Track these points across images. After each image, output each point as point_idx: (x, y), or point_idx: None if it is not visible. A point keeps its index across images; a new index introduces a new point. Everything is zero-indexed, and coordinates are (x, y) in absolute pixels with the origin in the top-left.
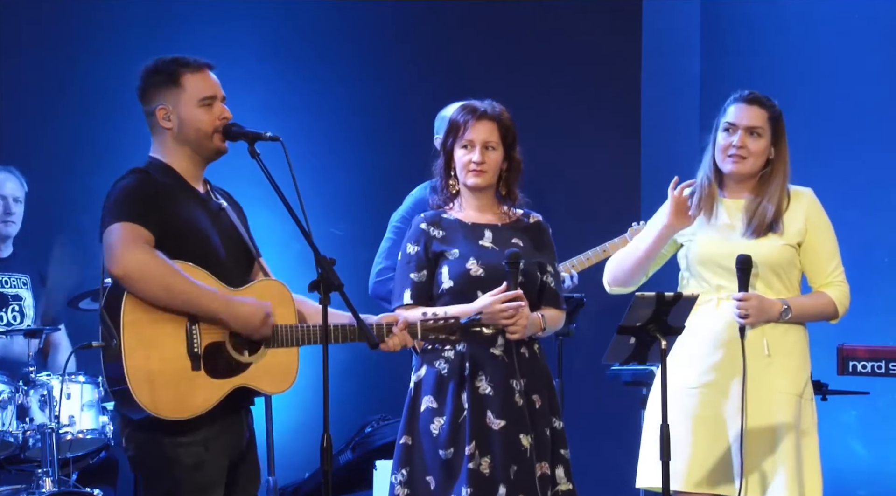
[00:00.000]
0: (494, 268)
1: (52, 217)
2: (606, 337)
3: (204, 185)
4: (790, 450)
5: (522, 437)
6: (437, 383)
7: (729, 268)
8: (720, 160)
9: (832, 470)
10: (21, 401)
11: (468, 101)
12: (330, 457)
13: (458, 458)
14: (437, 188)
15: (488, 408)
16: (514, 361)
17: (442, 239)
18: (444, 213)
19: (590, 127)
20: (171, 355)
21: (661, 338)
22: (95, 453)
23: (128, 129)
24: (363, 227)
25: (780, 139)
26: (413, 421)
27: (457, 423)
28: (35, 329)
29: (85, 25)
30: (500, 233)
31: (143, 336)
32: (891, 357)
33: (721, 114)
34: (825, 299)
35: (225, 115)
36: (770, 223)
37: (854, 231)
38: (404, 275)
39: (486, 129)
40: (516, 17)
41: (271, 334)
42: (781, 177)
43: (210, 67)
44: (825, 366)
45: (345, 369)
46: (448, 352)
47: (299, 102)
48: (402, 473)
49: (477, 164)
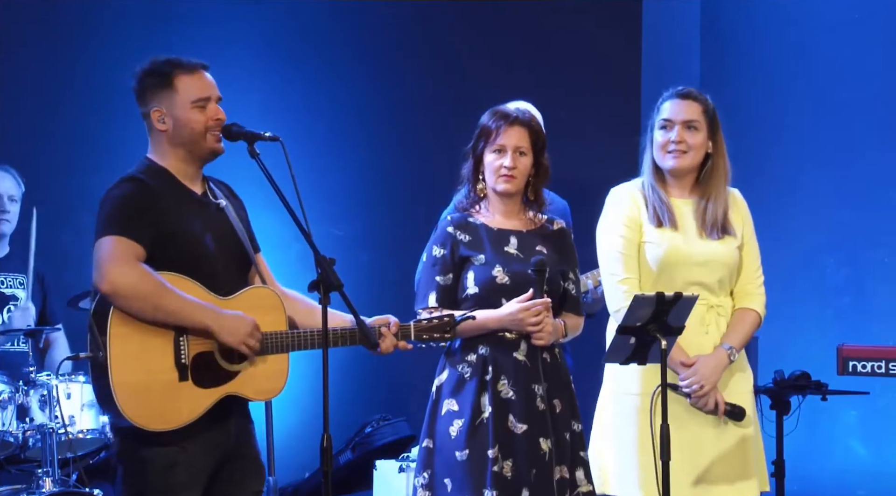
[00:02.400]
0: (519, 276)
1: (52, 217)
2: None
3: (202, 185)
4: (755, 444)
5: (542, 441)
6: (458, 386)
7: (698, 268)
8: (660, 158)
9: (832, 470)
10: (21, 401)
11: (499, 107)
12: (330, 457)
13: (476, 460)
14: (465, 192)
15: (510, 412)
16: (538, 366)
17: (468, 244)
18: (470, 217)
19: (590, 127)
20: (158, 367)
21: (661, 339)
22: (95, 453)
23: (127, 129)
24: (363, 227)
25: (717, 133)
26: (434, 424)
27: (475, 426)
28: (35, 329)
29: (84, 25)
30: (524, 239)
31: (130, 348)
32: (891, 357)
33: (655, 113)
34: (752, 317)
35: (218, 116)
36: (723, 224)
37: (853, 231)
38: (430, 278)
39: (518, 135)
40: (516, 17)
41: (258, 347)
42: (723, 172)
43: (205, 68)
44: (825, 366)
45: (345, 369)
46: (470, 356)
47: (299, 102)
48: (423, 476)
49: (509, 168)
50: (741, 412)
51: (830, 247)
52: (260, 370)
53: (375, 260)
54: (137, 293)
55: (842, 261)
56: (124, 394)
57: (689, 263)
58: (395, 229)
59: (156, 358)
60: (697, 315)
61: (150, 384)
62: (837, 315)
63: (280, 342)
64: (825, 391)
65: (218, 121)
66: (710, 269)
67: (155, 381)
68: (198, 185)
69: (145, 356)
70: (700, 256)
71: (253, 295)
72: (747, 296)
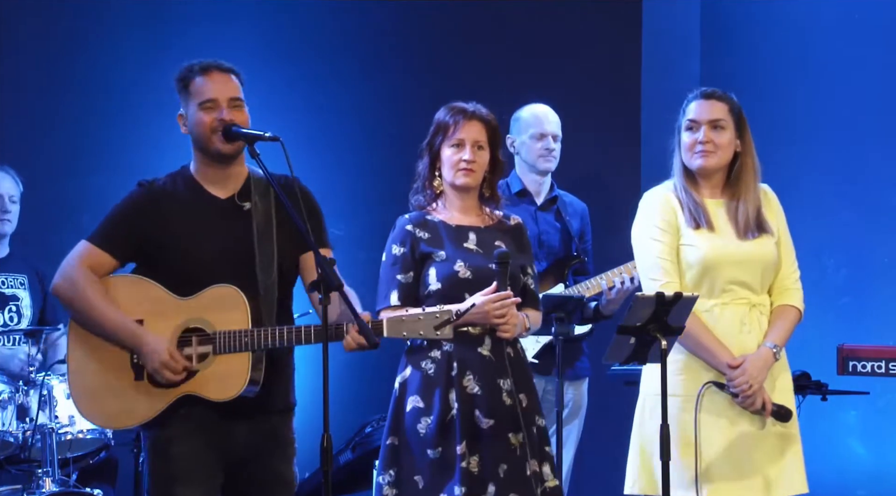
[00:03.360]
0: (481, 271)
1: (51, 217)
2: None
3: (234, 187)
4: (796, 445)
5: (511, 436)
6: (424, 383)
7: (739, 267)
8: (687, 159)
9: (832, 470)
10: (21, 401)
11: (455, 103)
12: (330, 457)
13: (447, 457)
14: (419, 188)
15: (477, 408)
16: (503, 361)
17: (428, 240)
18: (427, 215)
19: (590, 127)
20: (115, 367)
21: (661, 339)
22: (95, 453)
23: (127, 129)
24: (363, 227)
25: (745, 132)
26: (399, 421)
27: (444, 423)
28: (35, 329)
29: (85, 25)
30: (483, 235)
31: (88, 350)
32: (891, 357)
33: (681, 114)
34: (792, 314)
35: (222, 116)
36: (758, 222)
37: (854, 231)
38: (390, 277)
39: (476, 129)
40: (516, 18)
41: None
42: (752, 172)
43: (223, 70)
44: (825, 366)
45: (345, 369)
46: (434, 353)
47: (299, 102)
48: (389, 474)
49: (468, 162)
50: (788, 413)
51: (830, 247)
52: (220, 370)
53: (375, 260)
54: (68, 299)
55: (842, 261)
56: (81, 396)
57: (729, 263)
58: None
59: (111, 358)
60: (739, 314)
61: (105, 385)
62: (837, 315)
63: (237, 341)
64: (825, 391)
65: (221, 122)
66: (750, 268)
67: (111, 381)
68: (226, 187)
69: (102, 355)
70: (740, 256)
71: (214, 294)
72: (786, 293)
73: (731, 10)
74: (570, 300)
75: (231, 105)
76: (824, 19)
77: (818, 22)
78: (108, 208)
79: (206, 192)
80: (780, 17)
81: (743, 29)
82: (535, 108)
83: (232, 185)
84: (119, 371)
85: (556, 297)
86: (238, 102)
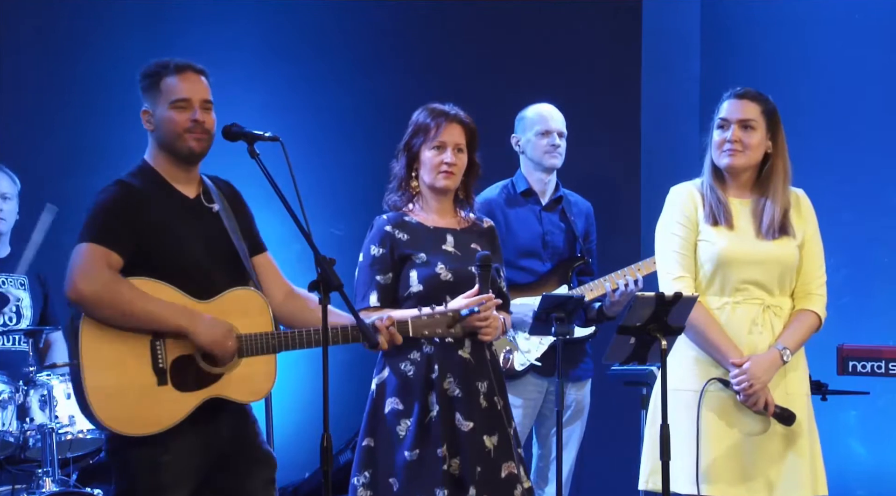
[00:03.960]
0: (461, 273)
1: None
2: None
3: (197, 187)
4: (806, 448)
5: (486, 438)
6: (403, 385)
7: (753, 267)
8: (716, 157)
9: (832, 470)
10: (21, 401)
11: (434, 105)
12: (330, 457)
13: (427, 460)
14: (394, 189)
15: (457, 410)
16: (483, 363)
17: (407, 242)
18: (405, 216)
19: (590, 127)
20: (134, 372)
21: (661, 338)
22: (95, 453)
23: (127, 129)
24: (363, 227)
25: (777, 133)
26: (376, 422)
27: (423, 425)
28: (35, 329)
29: (84, 25)
30: (460, 237)
31: (104, 355)
32: (891, 357)
33: (715, 113)
34: (810, 319)
35: (197, 117)
36: (781, 224)
37: (854, 231)
38: (369, 277)
39: (457, 132)
40: (516, 18)
41: (234, 351)
42: (782, 173)
43: (197, 72)
44: (825, 366)
45: (345, 369)
46: (413, 354)
47: (299, 102)
48: (364, 475)
49: (449, 165)
50: (791, 416)
51: (830, 247)
52: (245, 372)
53: None
54: (103, 301)
55: (842, 261)
56: (98, 399)
57: (744, 262)
58: None
59: (131, 363)
60: (751, 314)
61: (125, 389)
62: (837, 315)
63: (265, 343)
64: (825, 391)
65: (196, 123)
66: (766, 269)
67: (131, 386)
68: (191, 187)
69: (120, 362)
70: (755, 256)
71: (235, 297)
72: (807, 298)
73: (731, 10)
74: (570, 300)
75: (203, 106)
76: (824, 19)
77: (818, 22)
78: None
79: (175, 191)
80: (780, 16)
81: (743, 29)
82: (539, 107)
83: (195, 185)
84: (140, 377)
85: (556, 297)
86: (209, 105)
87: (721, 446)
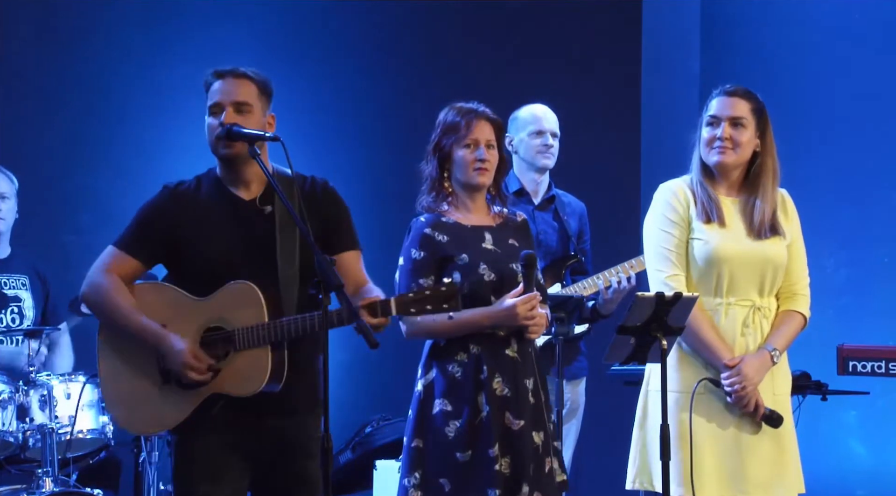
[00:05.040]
0: (504, 271)
1: (52, 217)
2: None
3: (258, 188)
4: (792, 447)
5: (535, 435)
6: (451, 386)
7: (746, 267)
8: (705, 154)
9: (832, 470)
10: (21, 401)
11: (460, 104)
12: (330, 457)
13: (478, 460)
14: (426, 189)
15: (507, 409)
16: (528, 361)
17: (447, 244)
18: (442, 217)
19: (590, 126)
20: (143, 372)
21: (661, 339)
22: (95, 453)
23: (127, 129)
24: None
25: (766, 131)
26: (424, 423)
27: (474, 425)
28: (35, 329)
29: (84, 25)
30: (496, 234)
31: (117, 356)
32: (891, 357)
33: (704, 110)
34: (797, 320)
35: (221, 120)
36: (772, 224)
37: (854, 230)
38: (411, 281)
39: (487, 129)
40: (516, 18)
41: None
42: (771, 172)
43: (236, 75)
44: (825, 366)
45: (345, 369)
46: (461, 355)
47: (299, 103)
48: (414, 476)
49: (483, 162)
50: (779, 419)
51: (830, 247)
52: (241, 366)
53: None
54: (94, 303)
55: (842, 261)
56: (114, 404)
57: (737, 260)
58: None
59: (140, 364)
60: (741, 316)
61: (136, 391)
62: (837, 315)
63: (255, 335)
64: (825, 391)
65: (221, 126)
66: (758, 268)
67: (141, 386)
68: (249, 189)
69: (131, 361)
70: (748, 254)
71: (229, 291)
72: (793, 298)
73: (730, 9)
74: (570, 300)
75: (236, 109)
76: (823, 18)
77: (818, 21)
78: (108, 208)
79: (229, 193)
80: (780, 16)
81: (743, 28)
82: (532, 107)
83: (255, 186)
84: (148, 376)
85: (556, 297)
86: (246, 107)
87: (713, 448)
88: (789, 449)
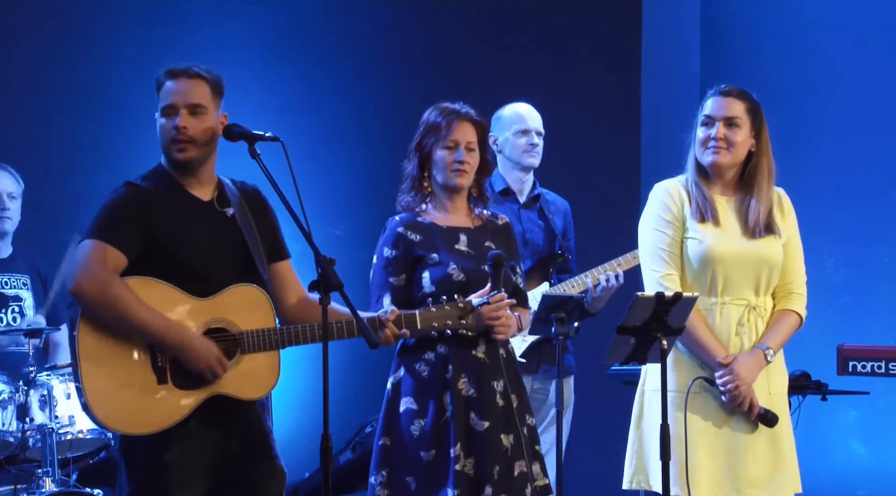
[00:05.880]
0: (474, 272)
1: (53, 217)
2: (606, 337)
3: (213, 191)
4: (788, 447)
5: (503, 437)
6: (418, 385)
7: (742, 267)
8: (700, 154)
9: (832, 470)
10: (21, 401)
11: (444, 104)
12: (330, 457)
13: (442, 460)
14: (406, 189)
15: (472, 410)
16: (497, 363)
17: (420, 243)
18: (418, 216)
19: (590, 127)
20: (133, 371)
21: (661, 339)
22: (95, 453)
23: (127, 129)
24: (363, 227)
25: (761, 131)
26: (392, 422)
27: (439, 425)
28: (35, 329)
29: (84, 24)
30: (473, 236)
31: (102, 354)
32: (891, 357)
33: (699, 110)
34: (792, 319)
35: (177, 124)
36: (767, 223)
37: (854, 231)
38: (383, 279)
39: (469, 130)
40: (515, 18)
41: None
42: (767, 172)
43: (189, 75)
44: (825, 366)
45: (345, 369)
46: (428, 354)
47: (299, 103)
48: (381, 474)
49: (462, 163)
50: (774, 418)
51: (830, 247)
52: (248, 368)
53: None
54: (101, 301)
55: (842, 261)
56: (97, 399)
57: (731, 260)
58: None
59: (130, 362)
60: (736, 315)
61: (124, 389)
62: (837, 315)
63: (266, 339)
64: (825, 391)
65: (178, 130)
66: (753, 267)
67: (130, 386)
68: (206, 190)
69: (118, 361)
70: (743, 253)
71: (236, 292)
72: (789, 297)
73: (731, 9)
74: (570, 300)
75: (191, 111)
76: (824, 19)
77: (818, 21)
78: None
79: (188, 193)
80: (780, 16)
81: (743, 29)
82: (517, 106)
83: (209, 188)
84: (139, 375)
85: (556, 297)
86: (200, 109)
87: (709, 447)
88: (785, 448)
